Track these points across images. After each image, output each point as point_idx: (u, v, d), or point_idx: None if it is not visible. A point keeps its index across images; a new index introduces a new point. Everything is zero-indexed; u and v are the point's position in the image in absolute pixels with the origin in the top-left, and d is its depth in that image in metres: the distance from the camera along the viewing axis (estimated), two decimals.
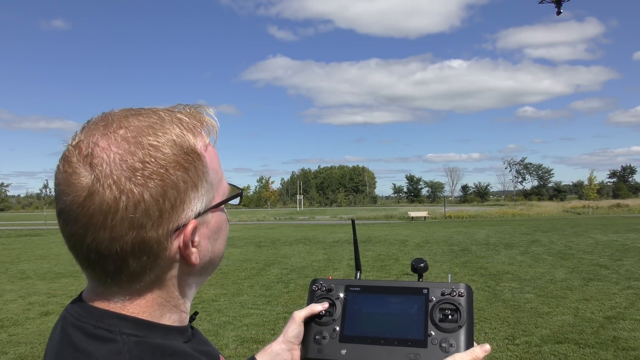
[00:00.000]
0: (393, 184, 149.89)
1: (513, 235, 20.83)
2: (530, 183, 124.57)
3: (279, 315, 7.46)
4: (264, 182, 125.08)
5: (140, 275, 0.63)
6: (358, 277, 1.11)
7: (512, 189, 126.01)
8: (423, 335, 0.88)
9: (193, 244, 0.66)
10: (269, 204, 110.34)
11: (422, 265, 1.04)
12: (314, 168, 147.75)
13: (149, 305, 0.66)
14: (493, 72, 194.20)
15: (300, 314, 0.97)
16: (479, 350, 0.83)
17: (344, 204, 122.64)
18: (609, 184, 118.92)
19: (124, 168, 0.59)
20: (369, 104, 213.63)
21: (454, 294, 0.91)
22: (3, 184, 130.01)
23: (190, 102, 0.71)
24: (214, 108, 0.72)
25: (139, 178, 0.59)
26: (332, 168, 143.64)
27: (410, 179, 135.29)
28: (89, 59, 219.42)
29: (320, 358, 0.93)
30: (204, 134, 0.68)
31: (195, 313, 0.77)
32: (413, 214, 40.13)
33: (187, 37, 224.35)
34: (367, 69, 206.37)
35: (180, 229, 0.64)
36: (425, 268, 1.04)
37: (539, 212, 44.72)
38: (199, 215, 0.66)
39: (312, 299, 1.00)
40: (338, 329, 0.94)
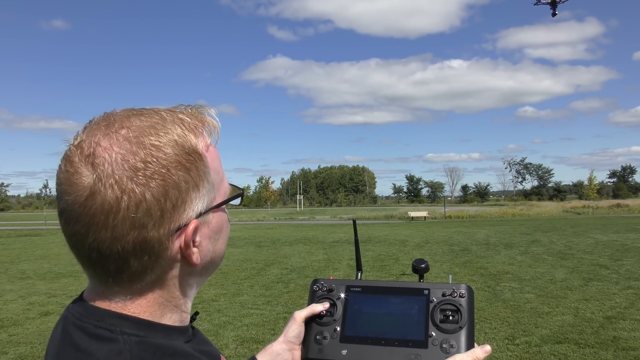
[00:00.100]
0: (393, 184, 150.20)
1: (513, 235, 20.83)
2: (530, 183, 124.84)
3: (279, 315, 7.46)
4: (264, 182, 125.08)
5: (142, 275, 0.63)
6: (359, 277, 1.11)
7: (512, 189, 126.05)
8: (424, 336, 0.88)
9: (194, 244, 0.66)
10: (269, 204, 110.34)
11: (423, 266, 1.04)
12: (314, 168, 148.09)
13: (150, 305, 0.66)
14: (493, 72, 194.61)
15: (301, 314, 0.97)
16: (480, 351, 0.83)
17: (344, 204, 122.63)
18: (609, 184, 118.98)
19: (126, 168, 0.59)
20: (369, 104, 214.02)
21: (455, 295, 0.91)
22: (3, 184, 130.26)
23: (191, 102, 0.72)
24: (215, 108, 0.72)
25: (141, 178, 0.59)
26: (332, 168, 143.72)
27: (410, 179, 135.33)
28: (89, 59, 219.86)
29: (321, 358, 0.93)
30: (206, 135, 0.68)
31: (196, 313, 0.76)
32: (413, 214, 40.12)
33: (187, 37, 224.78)
34: (367, 69, 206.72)
35: (182, 229, 0.64)
36: (426, 269, 1.04)
37: (539, 212, 44.72)
38: (200, 215, 0.66)
39: (313, 299, 1.00)
40: (339, 329, 0.94)
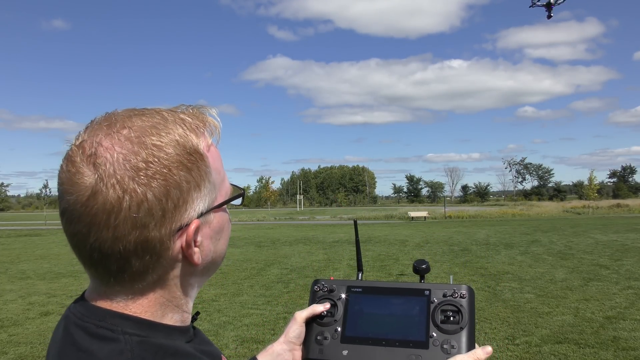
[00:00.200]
0: (393, 184, 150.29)
1: (513, 235, 20.83)
2: (530, 183, 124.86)
3: (279, 316, 7.46)
4: (264, 182, 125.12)
5: (143, 275, 0.64)
6: (360, 277, 1.11)
7: (512, 189, 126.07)
8: (424, 337, 0.88)
9: (195, 244, 0.66)
10: (269, 204, 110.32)
11: (424, 267, 1.04)
12: (314, 168, 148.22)
13: (152, 305, 0.66)
14: (493, 72, 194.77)
15: (302, 315, 0.96)
16: (481, 352, 0.83)
17: (344, 204, 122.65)
18: (609, 184, 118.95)
19: (127, 168, 0.59)
20: (369, 104, 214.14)
21: (456, 296, 0.91)
22: (3, 184, 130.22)
23: (191, 102, 0.72)
24: (216, 108, 0.72)
25: (142, 178, 0.60)
26: (332, 168, 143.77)
27: (410, 179, 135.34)
28: (89, 59, 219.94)
29: (322, 358, 0.93)
30: (207, 135, 0.68)
31: (197, 313, 0.77)
32: (413, 214, 40.12)
33: (187, 37, 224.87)
34: (367, 69, 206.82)
35: (183, 229, 0.64)
36: (427, 269, 1.04)
37: (539, 212, 44.72)
38: (202, 215, 0.66)
39: (313, 300, 1.00)
40: (339, 330, 0.94)
